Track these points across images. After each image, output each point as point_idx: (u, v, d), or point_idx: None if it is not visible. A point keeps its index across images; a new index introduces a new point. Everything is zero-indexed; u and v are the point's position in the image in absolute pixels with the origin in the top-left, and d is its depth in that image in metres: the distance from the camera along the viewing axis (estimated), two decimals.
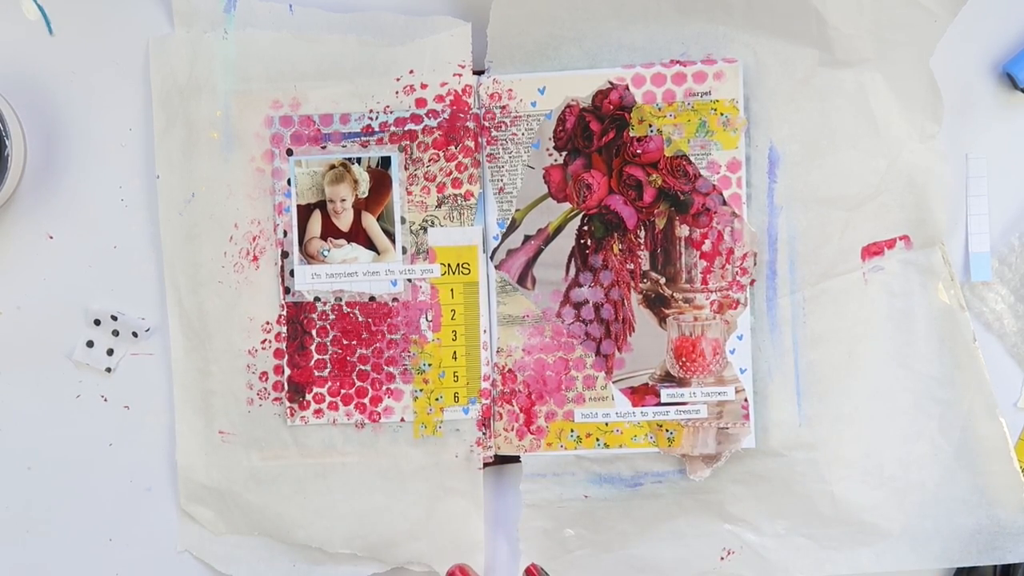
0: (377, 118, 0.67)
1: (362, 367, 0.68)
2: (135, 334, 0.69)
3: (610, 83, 0.67)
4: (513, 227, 0.68)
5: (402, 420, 0.68)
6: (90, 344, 0.69)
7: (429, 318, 0.68)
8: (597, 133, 0.67)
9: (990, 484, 0.67)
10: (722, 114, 0.66)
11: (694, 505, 0.68)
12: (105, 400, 0.70)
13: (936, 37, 0.66)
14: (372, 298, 0.68)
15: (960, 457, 0.68)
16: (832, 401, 0.67)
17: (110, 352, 0.70)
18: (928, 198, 0.67)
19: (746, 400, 0.67)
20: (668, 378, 0.68)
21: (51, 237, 0.70)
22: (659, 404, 0.67)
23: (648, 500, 0.68)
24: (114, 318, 0.69)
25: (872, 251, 0.67)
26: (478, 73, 0.68)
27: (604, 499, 0.68)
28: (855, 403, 0.67)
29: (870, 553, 0.68)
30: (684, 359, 0.67)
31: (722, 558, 0.68)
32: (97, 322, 0.69)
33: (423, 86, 0.67)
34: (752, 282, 0.67)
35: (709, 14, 0.66)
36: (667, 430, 0.67)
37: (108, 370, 0.70)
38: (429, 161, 0.68)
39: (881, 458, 0.68)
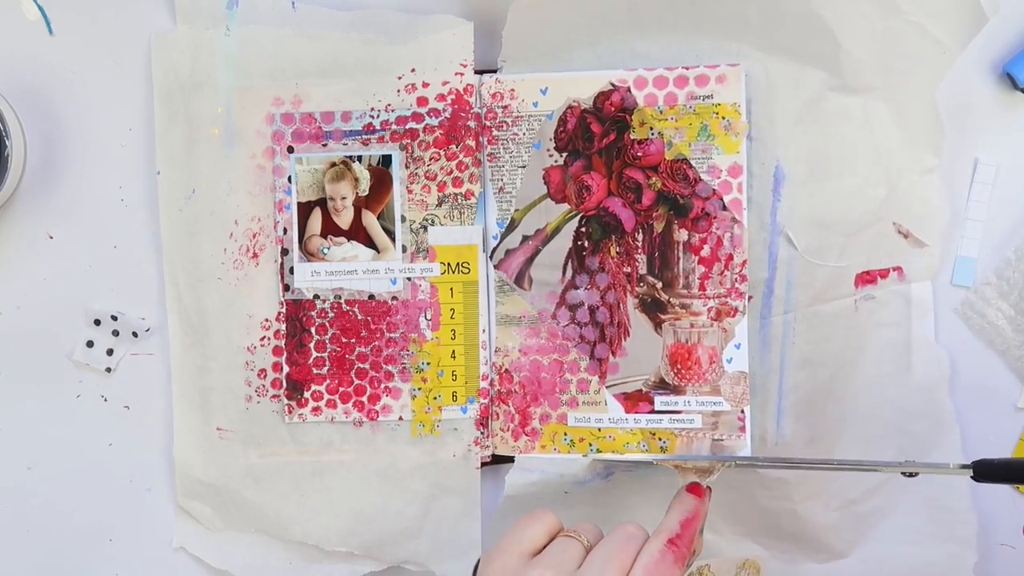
0: (378, 116, 0.67)
1: (361, 365, 0.68)
2: (135, 334, 0.70)
3: (612, 84, 0.66)
4: (512, 227, 0.68)
5: (400, 419, 0.69)
6: (90, 344, 0.70)
7: (428, 317, 0.68)
8: (598, 135, 0.66)
9: (946, 520, 0.68)
10: (724, 118, 0.66)
11: (662, 499, 0.68)
12: (105, 400, 0.71)
13: (944, 69, 0.65)
14: (371, 296, 0.68)
15: (920, 489, 0.68)
16: (807, 422, 0.67)
17: (110, 352, 0.70)
18: (924, 232, 0.67)
19: (743, 412, 0.66)
20: (662, 385, 0.67)
21: (51, 237, 0.70)
22: (652, 412, 0.67)
23: (619, 488, 0.69)
24: (114, 318, 0.70)
25: (865, 279, 0.67)
26: (480, 72, 0.67)
27: (582, 492, 0.69)
28: (828, 426, 0.67)
29: (819, 570, 0.68)
30: (679, 366, 0.67)
31: None
32: (97, 322, 0.70)
33: (425, 85, 0.67)
34: (750, 298, 0.67)
35: (725, 29, 0.65)
36: (660, 439, 0.67)
37: (108, 370, 0.70)
38: (430, 160, 0.67)
39: (845, 482, 0.68)
